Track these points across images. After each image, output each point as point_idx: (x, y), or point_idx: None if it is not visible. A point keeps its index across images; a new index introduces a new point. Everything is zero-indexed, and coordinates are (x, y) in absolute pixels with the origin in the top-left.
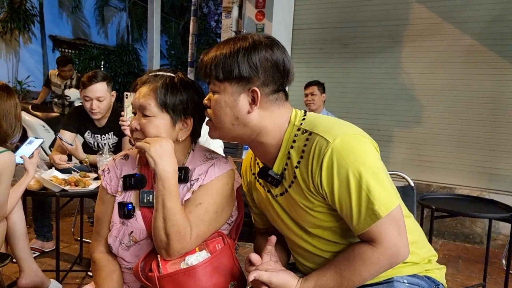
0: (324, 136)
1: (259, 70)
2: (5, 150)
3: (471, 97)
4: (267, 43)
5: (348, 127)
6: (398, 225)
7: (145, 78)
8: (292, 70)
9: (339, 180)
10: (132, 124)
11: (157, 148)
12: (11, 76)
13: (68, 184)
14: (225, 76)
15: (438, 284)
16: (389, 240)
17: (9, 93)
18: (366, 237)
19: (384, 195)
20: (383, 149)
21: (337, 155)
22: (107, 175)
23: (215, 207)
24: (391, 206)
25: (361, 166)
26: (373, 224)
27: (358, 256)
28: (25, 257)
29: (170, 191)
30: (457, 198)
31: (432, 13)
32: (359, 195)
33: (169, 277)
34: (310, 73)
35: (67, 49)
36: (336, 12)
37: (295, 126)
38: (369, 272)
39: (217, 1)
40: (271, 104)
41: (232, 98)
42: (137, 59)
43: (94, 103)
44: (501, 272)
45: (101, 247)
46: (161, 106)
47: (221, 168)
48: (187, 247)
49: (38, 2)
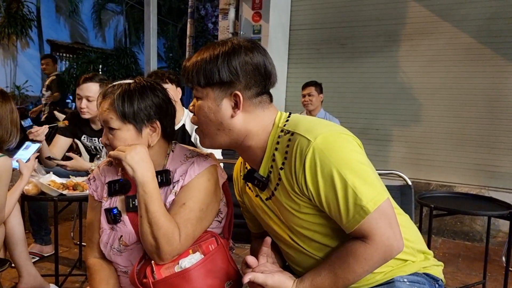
0: (305, 136)
1: (240, 74)
2: (2, 155)
3: (469, 95)
4: (247, 47)
5: (330, 125)
6: (389, 218)
7: (104, 91)
8: (273, 72)
9: (324, 179)
10: (102, 139)
11: (132, 155)
12: (9, 81)
13: (66, 188)
14: (206, 81)
15: (438, 280)
16: (381, 234)
17: (5, 98)
18: (357, 234)
19: (370, 190)
20: (381, 148)
21: (319, 154)
22: (93, 183)
23: (199, 204)
24: (379, 200)
25: (345, 163)
26: (363, 220)
27: (351, 254)
28: (24, 262)
29: (151, 195)
30: (456, 196)
31: (429, 11)
32: (345, 192)
33: (164, 282)
34: (307, 73)
35: (65, 53)
36: (333, 12)
37: (279, 128)
38: (363, 268)
39: (214, 3)
40: (255, 108)
41: (215, 103)
42: (135, 62)
43: (83, 102)
44: (501, 269)
45: (94, 252)
46: (122, 117)
47: (200, 166)
48: (178, 248)
49: (35, 7)
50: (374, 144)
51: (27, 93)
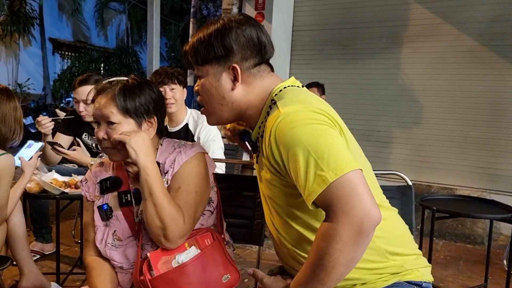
0: (279, 109)
1: (234, 47)
2: (5, 153)
3: (471, 98)
4: (238, 20)
5: (308, 104)
6: (354, 187)
7: (100, 87)
8: (268, 40)
9: (286, 150)
10: (99, 134)
11: (136, 139)
12: (11, 79)
13: (68, 186)
14: (204, 59)
15: (420, 284)
16: (343, 204)
17: (9, 96)
18: (319, 206)
19: (335, 160)
20: (383, 150)
21: (286, 127)
22: (85, 184)
23: (193, 186)
24: (343, 170)
25: (310, 136)
26: (322, 191)
27: (319, 236)
28: (25, 260)
29: (154, 177)
30: (458, 199)
31: (432, 13)
32: (307, 162)
33: (161, 278)
34: (309, 74)
35: (67, 52)
36: (336, 13)
37: (271, 97)
38: (334, 247)
39: (217, 3)
40: (254, 78)
41: (215, 78)
42: (137, 62)
43: (81, 105)
44: (503, 272)
45: (91, 251)
46: (124, 112)
47: (187, 153)
48: (185, 229)
49: (37, 5)
50: (375, 146)
51: (28, 91)
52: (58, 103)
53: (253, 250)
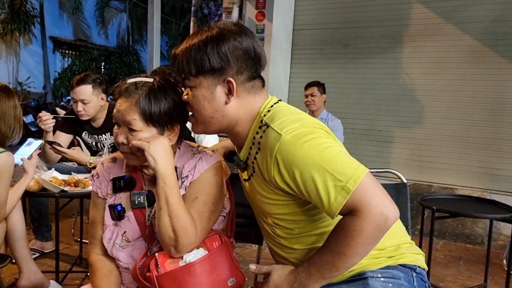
0: (276, 130)
1: (231, 60)
2: (4, 151)
3: (472, 98)
4: (234, 31)
5: (303, 122)
6: (373, 189)
7: (124, 87)
8: (263, 54)
9: (299, 171)
10: (119, 138)
11: (156, 146)
12: (11, 77)
13: (68, 185)
14: (198, 70)
15: (414, 268)
16: (367, 204)
17: (8, 94)
18: (344, 212)
19: (348, 169)
20: (383, 149)
21: (291, 148)
22: (96, 179)
23: (211, 197)
24: (359, 177)
25: (319, 153)
26: (346, 200)
27: (342, 228)
28: (24, 258)
29: (172, 187)
30: (458, 198)
31: (433, 13)
32: (324, 177)
33: (168, 276)
34: (310, 73)
35: (67, 50)
36: (337, 12)
37: (260, 118)
38: (356, 240)
39: (218, 2)
40: (247, 94)
41: (209, 91)
42: (137, 60)
43: (79, 105)
44: (502, 272)
45: (97, 249)
46: (147, 120)
47: (208, 161)
48: (195, 241)
49: (38, 3)
50: (376, 146)
51: (29, 89)
52: (59, 101)
53: (253, 249)
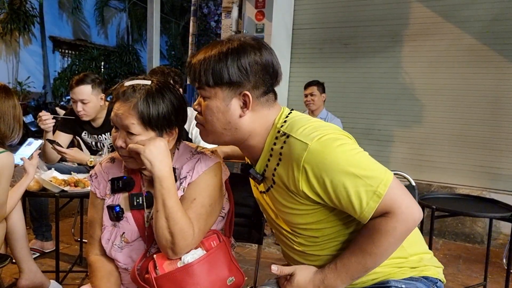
0: (300, 139)
1: (249, 74)
2: (4, 151)
3: (472, 97)
4: (254, 46)
5: (323, 127)
6: (401, 190)
7: (121, 90)
8: (280, 70)
9: (330, 178)
10: (117, 142)
11: (151, 149)
12: (11, 77)
13: (68, 184)
14: (215, 81)
15: (436, 282)
16: (400, 205)
17: (8, 94)
18: (376, 216)
19: (377, 174)
20: (383, 149)
21: (319, 157)
22: (95, 180)
23: (209, 199)
24: (388, 180)
25: (346, 159)
26: (378, 205)
27: (374, 229)
28: (24, 258)
29: (169, 190)
30: (458, 197)
31: (433, 12)
32: (355, 183)
33: (166, 277)
34: (310, 73)
35: (67, 50)
36: (336, 11)
37: (276, 129)
38: (388, 240)
39: (217, 1)
40: (262, 107)
41: (224, 103)
42: (137, 60)
43: (78, 105)
44: (502, 271)
45: (95, 249)
46: (145, 124)
47: (207, 162)
48: (192, 243)
49: (38, 3)
50: (376, 145)
51: (29, 89)
52: (58, 101)
53: (252, 249)
